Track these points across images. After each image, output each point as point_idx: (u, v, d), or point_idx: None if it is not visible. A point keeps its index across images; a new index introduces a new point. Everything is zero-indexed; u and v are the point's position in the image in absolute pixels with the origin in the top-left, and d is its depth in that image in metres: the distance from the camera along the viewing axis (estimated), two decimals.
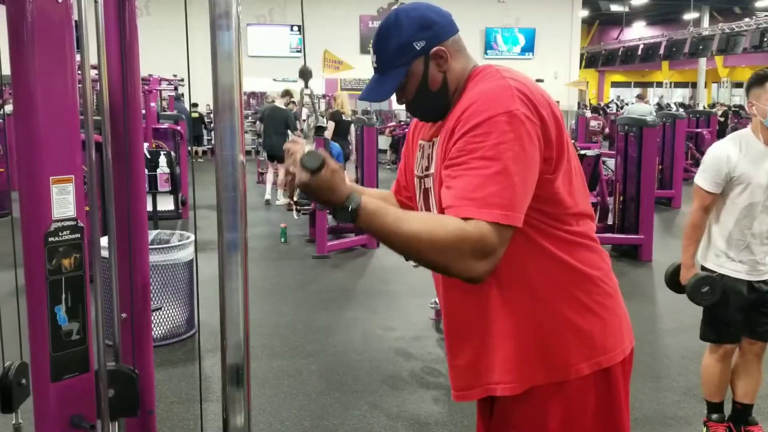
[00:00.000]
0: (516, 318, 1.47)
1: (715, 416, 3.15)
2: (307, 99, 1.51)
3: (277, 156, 9.43)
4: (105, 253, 1.94)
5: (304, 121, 1.61)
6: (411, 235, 1.31)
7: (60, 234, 1.51)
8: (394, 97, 1.56)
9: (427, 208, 1.58)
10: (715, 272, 2.93)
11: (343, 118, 9.25)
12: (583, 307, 1.49)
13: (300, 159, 1.30)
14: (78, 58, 1.60)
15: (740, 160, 2.81)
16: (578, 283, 1.49)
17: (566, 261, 1.47)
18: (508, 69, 1.49)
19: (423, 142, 1.62)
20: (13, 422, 1.82)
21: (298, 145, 1.37)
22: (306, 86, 1.49)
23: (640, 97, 18.42)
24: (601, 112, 18.37)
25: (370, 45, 1.56)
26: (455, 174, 1.36)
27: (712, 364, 3.08)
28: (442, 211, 1.39)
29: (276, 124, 9.66)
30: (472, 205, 1.30)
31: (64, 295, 1.53)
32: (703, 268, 3.00)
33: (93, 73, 1.91)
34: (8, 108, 8.25)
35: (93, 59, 1.85)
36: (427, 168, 1.57)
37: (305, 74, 1.47)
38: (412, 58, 1.48)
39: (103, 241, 2.07)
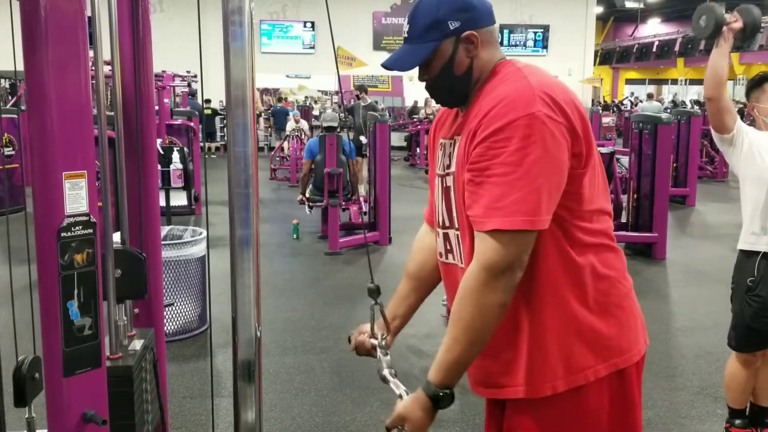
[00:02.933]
0: (536, 321, 1.46)
1: (738, 422, 3.09)
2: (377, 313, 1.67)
3: None
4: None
5: (381, 334, 1.71)
6: (468, 340, 1.41)
7: (72, 229, 1.52)
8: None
9: (448, 207, 1.57)
10: (753, 254, 2.82)
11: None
12: (602, 309, 1.48)
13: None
14: (91, 54, 1.60)
15: (756, 135, 2.83)
16: (597, 285, 1.48)
17: (586, 263, 1.46)
18: (531, 66, 1.48)
19: (444, 140, 1.61)
20: (27, 416, 1.83)
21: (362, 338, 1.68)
22: (376, 302, 1.64)
23: (651, 96, 18.67)
24: (614, 109, 18.32)
25: (407, 18, 1.54)
26: (479, 180, 1.38)
27: (739, 372, 2.99)
28: (465, 215, 1.45)
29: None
30: (497, 215, 1.34)
31: (76, 291, 1.54)
32: (743, 254, 2.88)
33: (106, 69, 1.91)
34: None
35: (106, 55, 1.85)
36: (448, 166, 1.56)
37: (373, 293, 1.62)
38: (443, 36, 1.47)
39: (116, 236, 2.08)
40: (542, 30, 21.34)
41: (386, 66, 1.57)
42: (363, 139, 9.44)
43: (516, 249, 1.36)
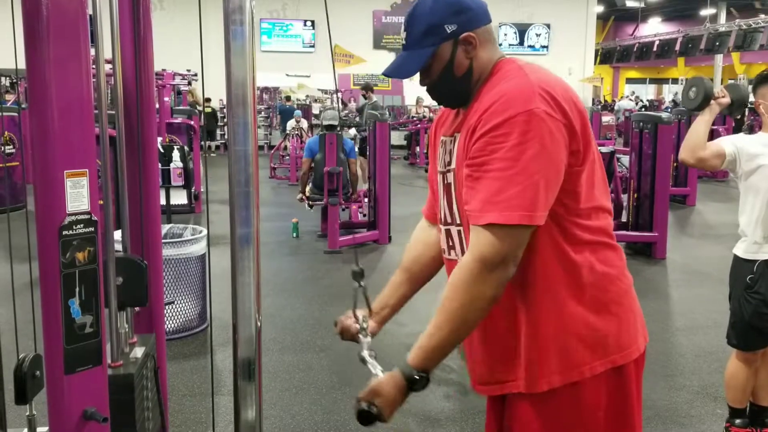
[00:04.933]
0: (535, 317, 1.47)
1: (738, 421, 3.09)
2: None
3: None
4: (119, 247, 1.95)
5: (363, 316, 1.77)
6: (452, 329, 1.41)
7: (74, 228, 1.52)
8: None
9: (449, 203, 1.58)
10: (752, 261, 2.83)
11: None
12: (599, 306, 1.48)
13: (357, 416, 1.43)
14: (92, 52, 1.61)
15: (753, 143, 2.83)
16: (595, 282, 1.48)
17: (584, 260, 1.47)
18: (531, 65, 1.49)
19: (444, 138, 1.62)
20: (27, 414, 1.83)
21: (349, 322, 1.70)
22: (360, 285, 1.76)
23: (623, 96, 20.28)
24: (611, 108, 18.46)
25: (404, 22, 1.54)
26: (477, 175, 1.39)
27: (739, 371, 3.00)
28: (463, 210, 1.45)
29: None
30: (495, 209, 1.35)
31: (77, 289, 1.54)
32: (741, 259, 2.89)
33: (107, 67, 1.92)
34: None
35: (107, 53, 1.85)
36: (449, 163, 1.57)
37: (357, 276, 1.65)
38: (441, 40, 1.48)
39: (117, 234, 2.08)
40: (542, 29, 21.32)
41: (387, 74, 1.58)
42: (353, 136, 9.55)
43: (511, 243, 1.37)
